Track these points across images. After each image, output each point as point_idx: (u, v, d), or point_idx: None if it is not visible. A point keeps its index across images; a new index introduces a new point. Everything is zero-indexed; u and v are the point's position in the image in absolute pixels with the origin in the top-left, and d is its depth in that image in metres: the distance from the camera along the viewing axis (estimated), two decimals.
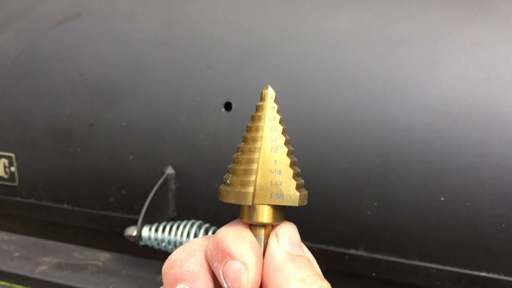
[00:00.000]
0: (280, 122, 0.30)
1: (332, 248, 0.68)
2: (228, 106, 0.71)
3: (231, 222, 0.31)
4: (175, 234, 0.70)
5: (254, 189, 0.29)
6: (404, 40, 0.68)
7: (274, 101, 0.31)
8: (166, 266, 0.30)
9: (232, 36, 0.76)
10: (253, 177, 0.29)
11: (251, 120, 0.31)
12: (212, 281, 0.29)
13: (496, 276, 0.62)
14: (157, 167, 0.74)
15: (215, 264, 0.29)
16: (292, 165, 0.30)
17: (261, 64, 0.72)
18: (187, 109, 0.73)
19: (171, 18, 0.81)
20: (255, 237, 0.30)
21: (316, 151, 0.66)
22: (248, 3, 0.79)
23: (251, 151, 0.30)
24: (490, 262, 0.62)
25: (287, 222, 0.31)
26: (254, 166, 0.29)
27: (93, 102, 0.79)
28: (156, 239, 0.70)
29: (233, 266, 0.28)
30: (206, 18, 0.79)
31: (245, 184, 0.29)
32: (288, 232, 0.30)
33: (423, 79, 0.65)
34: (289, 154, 0.30)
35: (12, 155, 0.84)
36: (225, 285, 0.28)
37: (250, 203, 0.29)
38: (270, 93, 0.31)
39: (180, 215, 0.76)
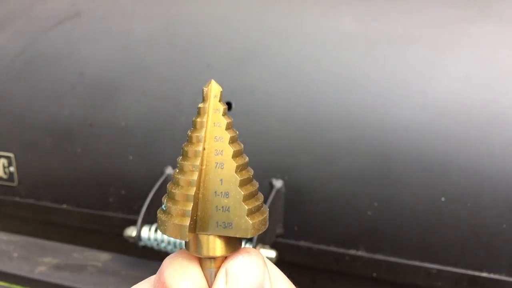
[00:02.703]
0: (227, 129, 0.24)
1: (332, 248, 0.68)
2: (228, 106, 0.71)
3: (179, 251, 0.26)
4: None
5: (195, 218, 0.23)
6: (404, 40, 0.68)
7: (219, 101, 0.24)
8: None
9: (232, 36, 0.76)
10: (191, 204, 0.23)
11: (192, 127, 0.25)
12: None
13: (497, 276, 0.62)
14: (156, 167, 0.74)
15: None
16: (243, 184, 0.23)
17: (261, 64, 0.72)
18: (187, 109, 0.73)
19: (171, 18, 0.81)
20: (204, 271, 0.24)
21: (316, 151, 0.66)
22: (248, 3, 0.79)
23: (190, 169, 0.23)
24: (491, 262, 0.62)
25: (245, 252, 0.24)
26: (193, 190, 0.23)
27: (92, 102, 0.79)
28: (155, 240, 0.70)
29: None
30: (206, 17, 0.79)
31: (182, 213, 0.23)
32: (241, 270, 0.23)
33: (423, 79, 0.65)
34: (238, 169, 0.23)
35: (11, 155, 0.84)
36: None
37: (187, 239, 0.23)
38: (214, 90, 0.24)
39: None
